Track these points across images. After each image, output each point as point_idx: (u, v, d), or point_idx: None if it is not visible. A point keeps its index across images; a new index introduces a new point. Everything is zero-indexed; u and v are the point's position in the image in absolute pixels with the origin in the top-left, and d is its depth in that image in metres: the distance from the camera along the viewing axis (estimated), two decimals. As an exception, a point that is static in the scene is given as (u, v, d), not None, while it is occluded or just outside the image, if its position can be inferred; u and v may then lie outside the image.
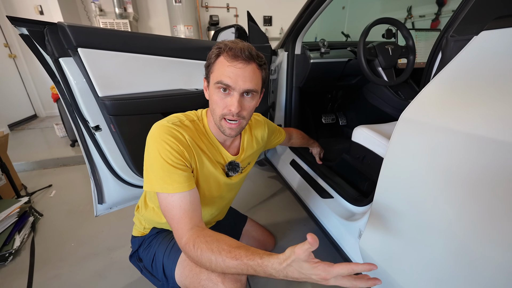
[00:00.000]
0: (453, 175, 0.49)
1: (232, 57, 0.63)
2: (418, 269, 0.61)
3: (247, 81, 0.64)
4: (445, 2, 2.96)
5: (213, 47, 0.68)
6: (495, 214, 0.43)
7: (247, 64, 0.64)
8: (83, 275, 1.18)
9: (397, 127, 0.61)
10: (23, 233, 1.41)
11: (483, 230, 0.45)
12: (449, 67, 0.53)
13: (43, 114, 3.90)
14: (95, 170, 1.09)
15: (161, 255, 0.79)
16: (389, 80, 1.31)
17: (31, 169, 2.29)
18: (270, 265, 0.51)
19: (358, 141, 1.09)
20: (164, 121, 0.70)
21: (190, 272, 0.69)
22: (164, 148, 0.64)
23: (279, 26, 5.02)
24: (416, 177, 0.57)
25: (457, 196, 0.48)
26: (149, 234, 0.88)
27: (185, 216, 0.63)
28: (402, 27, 1.28)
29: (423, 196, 0.56)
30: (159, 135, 0.66)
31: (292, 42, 1.47)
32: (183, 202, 0.64)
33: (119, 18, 3.61)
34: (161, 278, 0.79)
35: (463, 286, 0.51)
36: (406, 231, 0.62)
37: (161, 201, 0.65)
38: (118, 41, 0.88)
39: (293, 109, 1.63)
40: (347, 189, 1.17)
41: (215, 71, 0.66)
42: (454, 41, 0.54)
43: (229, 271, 0.56)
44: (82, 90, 0.91)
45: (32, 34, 0.81)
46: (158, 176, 0.64)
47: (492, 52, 0.46)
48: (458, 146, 0.47)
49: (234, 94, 0.65)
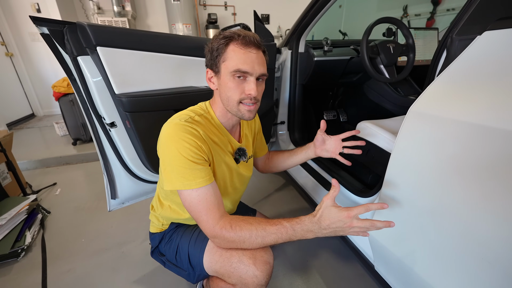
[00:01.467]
0: (459, 163, 0.54)
1: (245, 44, 0.65)
2: (427, 252, 0.66)
3: (261, 65, 0.68)
4: (440, 1, 3.04)
5: (215, 37, 0.69)
6: (499, 197, 0.48)
7: (258, 49, 0.68)
8: (97, 269, 1.21)
9: (406, 120, 0.65)
10: (33, 230, 1.43)
11: (488, 212, 0.51)
12: (454, 64, 0.58)
13: (41, 113, 3.87)
14: (108, 166, 1.12)
15: (186, 246, 0.82)
16: (391, 77, 1.37)
17: (33, 167, 2.29)
18: (308, 220, 0.64)
19: (362, 135, 1.14)
20: (176, 119, 0.70)
21: (220, 257, 0.73)
22: (183, 146, 0.65)
23: (277, 24, 5.06)
24: (424, 166, 0.62)
25: (464, 182, 0.53)
26: (168, 229, 0.90)
27: (213, 207, 0.67)
28: (403, 26, 1.34)
29: (431, 183, 0.61)
30: (176, 134, 0.66)
31: (296, 41, 1.51)
32: (207, 195, 0.67)
33: (117, 16, 3.60)
34: (187, 268, 0.82)
35: (472, 267, 0.56)
36: (414, 217, 0.67)
37: (184, 198, 0.68)
38: (135, 40, 0.91)
39: (296, 106, 1.67)
40: (352, 181, 1.22)
41: (229, 59, 0.67)
42: (458, 40, 0.59)
43: (268, 238, 0.65)
44: (99, 87, 0.94)
45: (52, 33, 0.83)
46: (179, 174, 0.65)
47: (494, 51, 0.51)
48: (462, 135, 0.52)
49: (251, 79, 0.68)
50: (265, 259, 0.71)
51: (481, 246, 0.52)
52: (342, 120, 2.07)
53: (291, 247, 1.32)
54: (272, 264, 0.73)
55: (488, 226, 0.51)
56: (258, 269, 0.69)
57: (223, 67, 0.68)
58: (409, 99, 1.48)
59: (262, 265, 0.69)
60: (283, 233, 0.65)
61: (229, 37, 0.66)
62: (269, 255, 0.73)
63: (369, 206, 0.59)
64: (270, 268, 0.71)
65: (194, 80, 1.13)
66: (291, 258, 1.26)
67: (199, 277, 0.83)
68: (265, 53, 0.72)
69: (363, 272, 1.17)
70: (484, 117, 0.49)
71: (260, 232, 0.65)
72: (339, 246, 1.30)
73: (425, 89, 0.63)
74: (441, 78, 0.59)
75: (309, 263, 1.23)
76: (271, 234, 0.65)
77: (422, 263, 0.67)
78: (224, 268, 0.72)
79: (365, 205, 0.59)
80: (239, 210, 1.16)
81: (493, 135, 0.47)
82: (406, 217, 0.70)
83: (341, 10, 4.61)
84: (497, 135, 0.47)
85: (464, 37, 0.58)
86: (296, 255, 1.28)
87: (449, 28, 0.63)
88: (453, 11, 2.92)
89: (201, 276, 0.82)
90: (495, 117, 0.47)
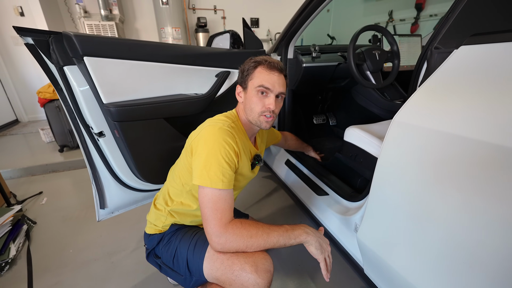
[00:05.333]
0: (439, 170, 0.56)
1: (270, 67, 0.81)
2: (412, 255, 0.68)
3: (281, 86, 0.82)
4: (423, 7, 3.15)
5: (247, 61, 0.85)
6: (476, 202, 0.51)
7: (280, 73, 0.82)
8: (85, 281, 1.19)
9: (390, 129, 0.68)
10: (18, 242, 1.38)
11: (468, 217, 0.53)
12: (433, 76, 0.61)
13: (25, 119, 3.75)
14: (97, 175, 1.10)
15: (184, 250, 0.83)
16: (377, 83, 1.41)
17: (18, 176, 2.22)
18: (303, 225, 0.78)
19: (350, 140, 1.17)
20: (219, 123, 0.80)
21: (221, 264, 0.74)
22: (224, 148, 0.74)
23: (266, 27, 5.10)
24: (408, 173, 0.64)
25: (445, 188, 0.56)
26: (168, 231, 0.91)
27: (229, 209, 0.74)
28: (387, 34, 1.38)
29: (415, 189, 0.63)
30: (220, 136, 0.75)
31: (285, 47, 1.53)
32: (227, 197, 0.74)
33: (105, 20, 3.54)
34: (184, 272, 0.83)
35: (455, 269, 0.58)
36: (401, 222, 0.70)
37: (205, 193, 0.73)
38: (123, 49, 0.90)
39: (286, 110, 1.70)
40: (342, 186, 1.25)
41: (255, 78, 0.81)
42: (437, 53, 0.62)
43: (272, 236, 0.72)
44: (86, 97, 0.93)
45: (37, 43, 0.82)
46: (213, 172, 0.72)
47: (470, 65, 0.54)
48: (440, 145, 0.55)
49: (272, 96, 0.81)
50: (266, 267, 0.73)
51: (463, 250, 0.55)
52: (332, 124, 2.11)
53: (284, 250, 1.33)
54: (272, 272, 0.75)
55: (468, 231, 0.53)
56: (259, 277, 0.71)
57: (250, 84, 0.83)
58: (395, 103, 1.53)
59: (264, 273, 0.71)
60: (284, 236, 0.73)
61: (258, 61, 0.82)
62: (270, 264, 0.75)
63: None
64: (270, 276, 0.74)
65: (184, 88, 1.13)
66: (283, 262, 1.27)
67: (196, 282, 0.83)
68: (286, 77, 0.86)
69: (354, 275, 1.20)
70: (459, 128, 0.51)
71: (265, 230, 0.73)
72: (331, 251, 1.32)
73: (408, 99, 0.66)
74: (422, 89, 0.62)
75: (302, 267, 1.25)
76: (273, 233, 0.73)
77: (409, 266, 0.69)
78: (225, 275, 0.73)
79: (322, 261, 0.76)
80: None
81: (468, 144, 0.50)
82: (393, 222, 0.73)
83: (329, 14, 4.70)
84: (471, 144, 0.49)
85: (442, 50, 0.61)
86: (289, 259, 1.29)
87: (429, 40, 0.66)
88: (435, 16, 3.03)
89: (198, 282, 0.83)
90: (469, 128, 0.50)
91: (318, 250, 0.74)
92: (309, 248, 0.75)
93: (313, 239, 0.75)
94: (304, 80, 1.57)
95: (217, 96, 1.20)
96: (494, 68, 0.51)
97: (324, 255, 0.76)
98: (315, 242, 0.74)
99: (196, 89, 1.16)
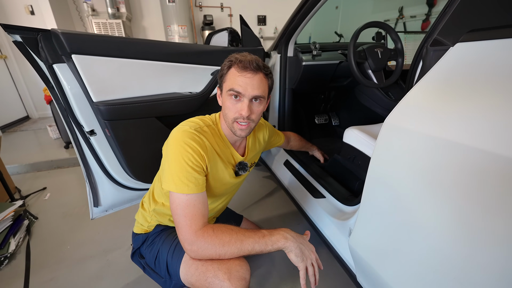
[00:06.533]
0: (430, 176, 0.52)
1: (242, 68, 0.72)
2: (402, 265, 0.64)
3: (255, 88, 0.73)
4: (435, 3, 3.02)
5: (225, 60, 0.77)
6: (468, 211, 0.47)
7: (255, 74, 0.73)
8: (80, 278, 1.20)
9: (382, 131, 0.64)
10: (18, 237, 1.41)
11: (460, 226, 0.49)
12: (427, 76, 0.56)
13: (36, 115, 3.86)
14: (90, 173, 1.11)
15: (165, 253, 0.82)
16: (379, 82, 1.35)
17: (24, 171, 2.28)
18: (284, 229, 0.72)
19: (349, 142, 1.13)
20: (186, 126, 0.76)
21: (196, 270, 0.72)
22: (187, 151, 0.70)
23: (273, 25, 5.03)
24: (399, 178, 0.60)
25: (436, 195, 0.52)
26: (153, 231, 0.90)
27: (198, 214, 0.69)
28: (391, 31, 1.32)
29: (405, 195, 0.59)
30: (182, 139, 0.71)
31: (285, 45, 1.49)
32: (196, 202, 0.70)
33: (112, 18, 3.58)
34: (164, 275, 0.82)
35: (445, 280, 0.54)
36: (391, 229, 0.66)
37: (173, 200, 0.70)
38: (112, 47, 0.90)
39: (287, 110, 1.66)
40: (339, 189, 1.21)
41: (227, 80, 0.75)
42: (433, 50, 0.57)
43: (246, 243, 0.67)
44: (76, 95, 0.92)
45: (26, 41, 0.81)
46: (176, 177, 0.69)
47: (466, 63, 0.49)
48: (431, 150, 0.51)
49: (244, 100, 0.74)
50: (241, 275, 0.69)
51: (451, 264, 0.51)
52: (334, 124, 2.05)
53: (278, 255, 1.30)
54: (248, 279, 0.72)
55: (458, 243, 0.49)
56: (233, 285, 0.67)
57: (224, 87, 0.77)
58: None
59: (237, 281, 0.68)
60: (260, 241, 0.68)
61: (232, 61, 0.75)
62: (245, 270, 0.71)
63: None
64: (245, 284, 0.70)
65: (178, 87, 1.11)
66: (278, 267, 1.24)
67: (175, 286, 0.81)
68: (268, 75, 0.77)
69: (349, 281, 1.16)
70: (452, 133, 0.47)
71: (239, 237, 0.68)
72: (325, 256, 1.28)
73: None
74: (415, 89, 0.58)
75: (296, 270, 1.20)
76: (248, 239, 0.68)
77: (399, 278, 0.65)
78: (199, 282, 0.71)
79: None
80: (225, 217, 1.14)
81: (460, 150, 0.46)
82: (384, 230, 0.69)
83: (337, 11, 4.60)
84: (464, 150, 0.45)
85: (438, 48, 0.56)
86: (283, 263, 1.26)
87: (425, 37, 0.61)
88: (448, 12, 2.90)
89: (177, 286, 0.81)
90: (463, 133, 0.45)
91: (298, 257, 0.69)
92: (289, 255, 0.70)
93: (293, 245, 0.69)
94: (304, 79, 1.53)
95: (212, 95, 1.18)
96: (492, 66, 0.46)
97: (306, 262, 0.69)
98: (295, 249, 0.69)
99: (190, 88, 1.15)
